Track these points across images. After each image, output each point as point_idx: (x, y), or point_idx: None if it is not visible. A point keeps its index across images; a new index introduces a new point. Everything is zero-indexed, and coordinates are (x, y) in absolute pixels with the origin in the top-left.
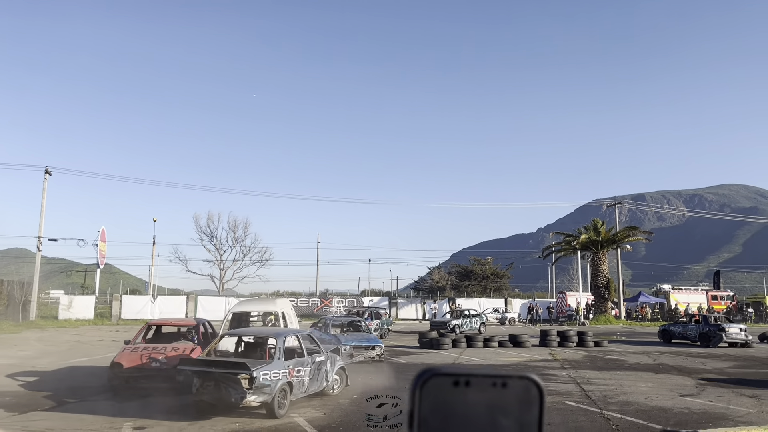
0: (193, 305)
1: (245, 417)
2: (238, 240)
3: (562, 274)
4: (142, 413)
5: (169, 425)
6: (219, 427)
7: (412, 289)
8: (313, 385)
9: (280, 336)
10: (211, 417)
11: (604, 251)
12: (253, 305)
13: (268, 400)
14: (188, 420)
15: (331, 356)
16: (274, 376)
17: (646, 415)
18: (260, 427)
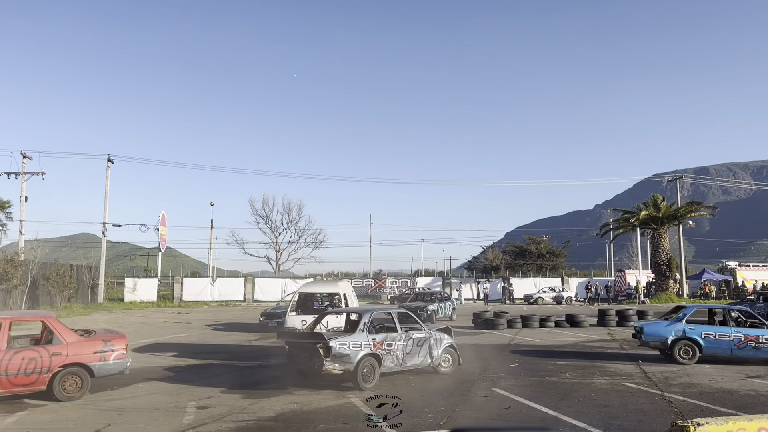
0: (250, 287)
1: (303, 396)
2: (292, 222)
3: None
4: (204, 392)
5: (231, 404)
6: (278, 407)
7: (466, 269)
8: (412, 360)
9: (367, 312)
10: (271, 396)
11: (665, 228)
12: (318, 287)
13: (349, 369)
14: (252, 398)
15: (436, 334)
16: (353, 347)
17: (711, 397)
18: (317, 408)
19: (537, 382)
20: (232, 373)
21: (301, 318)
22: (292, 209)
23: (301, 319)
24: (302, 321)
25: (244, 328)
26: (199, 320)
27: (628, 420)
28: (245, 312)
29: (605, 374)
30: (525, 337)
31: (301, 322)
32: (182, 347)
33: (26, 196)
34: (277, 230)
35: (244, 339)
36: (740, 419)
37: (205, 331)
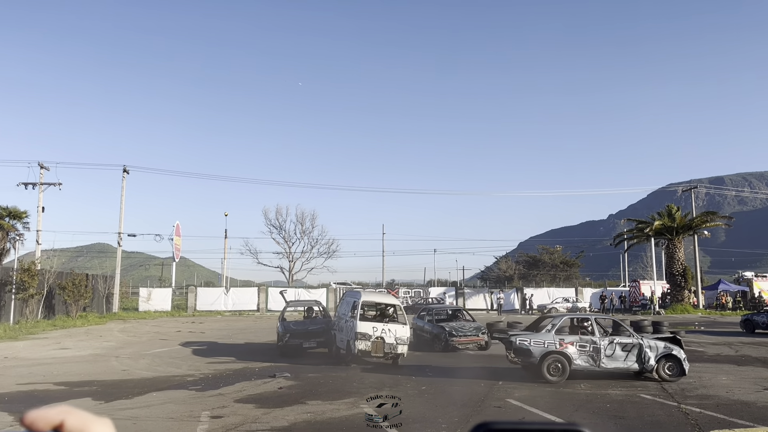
0: (264, 297)
1: (317, 407)
2: (305, 232)
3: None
4: (218, 402)
5: (244, 414)
6: (292, 417)
7: (479, 279)
8: (614, 363)
9: (557, 317)
10: (285, 406)
11: (680, 238)
12: (378, 297)
13: (534, 362)
14: (265, 408)
15: (651, 342)
16: (535, 344)
17: (728, 409)
18: (331, 418)
19: (551, 393)
20: (246, 382)
21: (372, 324)
22: (305, 219)
23: (372, 325)
24: (373, 327)
25: (257, 353)
26: (212, 330)
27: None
28: (258, 322)
29: (620, 385)
30: None
31: (372, 328)
32: (196, 356)
33: (43, 207)
34: (291, 240)
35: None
36: (758, 431)
37: (220, 340)
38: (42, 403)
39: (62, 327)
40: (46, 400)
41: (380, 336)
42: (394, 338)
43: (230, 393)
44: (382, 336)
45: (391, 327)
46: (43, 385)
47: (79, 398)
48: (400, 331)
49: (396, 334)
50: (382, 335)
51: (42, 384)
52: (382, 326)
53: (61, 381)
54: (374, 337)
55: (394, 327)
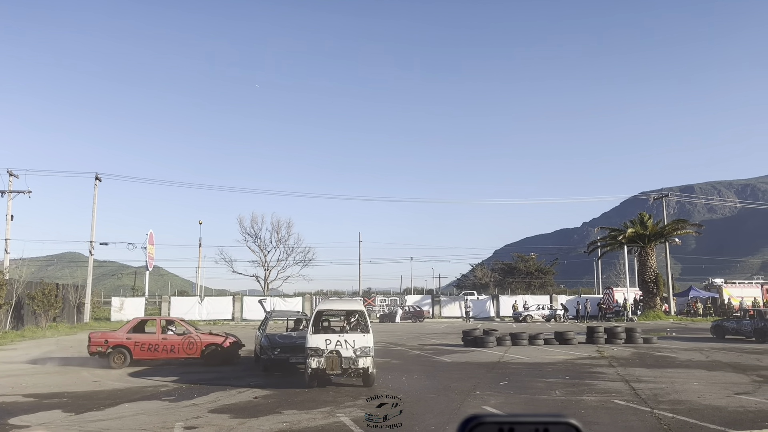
0: (239, 305)
1: (292, 416)
2: (281, 240)
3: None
4: (191, 412)
5: (219, 424)
6: (267, 427)
7: (455, 287)
8: None
9: None
10: (260, 416)
11: (652, 245)
12: (337, 304)
13: None
14: (240, 418)
15: None
16: None
17: (699, 414)
18: (306, 427)
19: (527, 400)
20: (221, 392)
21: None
22: (281, 227)
23: (325, 338)
24: (326, 340)
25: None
26: None
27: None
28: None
29: (595, 391)
30: (514, 354)
31: (325, 341)
32: (169, 367)
33: (12, 215)
34: (266, 248)
35: None
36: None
37: None
38: (10, 416)
39: (31, 338)
40: (14, 412)
41: (334, 350)
42: (352, 350)
43: (204, 403)
44: (336, 349)
45: (348, 337)
46: (12, 397)
47: (48, 410)
48: (359, 341)
49: (354, 345)
50: (336, 348)
51: (10, 396)
52: (337, 337)
53: (30, 393)
54: (327, 352)
55: (352, 337)
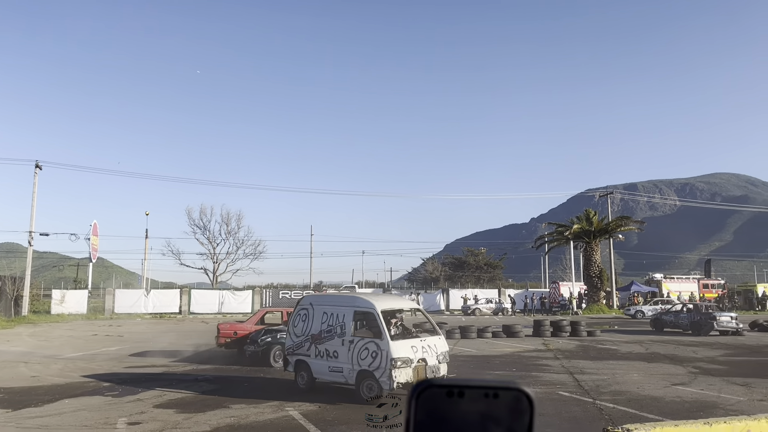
0: (186, 299)
1: (240, 410)
2: (231, 233)
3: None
4: (135, 407)
5: (164, 420)
6: (214, 422)
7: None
8: None
9: None
10: (207, 411)
11: (597, 241)
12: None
13: None
14: (186, 413)
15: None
16: None
17: (639, 404)
18: (255, 421)
19: None
20: (167, 386)
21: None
22: (230, 219)
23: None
24: (412, 347)
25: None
26: (131, 333)
27: (562, 428)
28: (181, 325)
29: (540, 383)
30: (463, 347)
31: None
32: (113, 361)
33: None
34: (215, 241)
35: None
36: (667, 425)
37: (139, 344)
38: None
39: None
40: None
41: (422, 358)
42: (435, 357)
43: (149, 398)
44: (424, 357)
45: (430, 342)
46: None
47: None
48: (440, 346)
49: (437, 351)
50: (424, 356)
51: None
52: (420, 343)
53: None
54: (417, 361)
55: (432, 341)
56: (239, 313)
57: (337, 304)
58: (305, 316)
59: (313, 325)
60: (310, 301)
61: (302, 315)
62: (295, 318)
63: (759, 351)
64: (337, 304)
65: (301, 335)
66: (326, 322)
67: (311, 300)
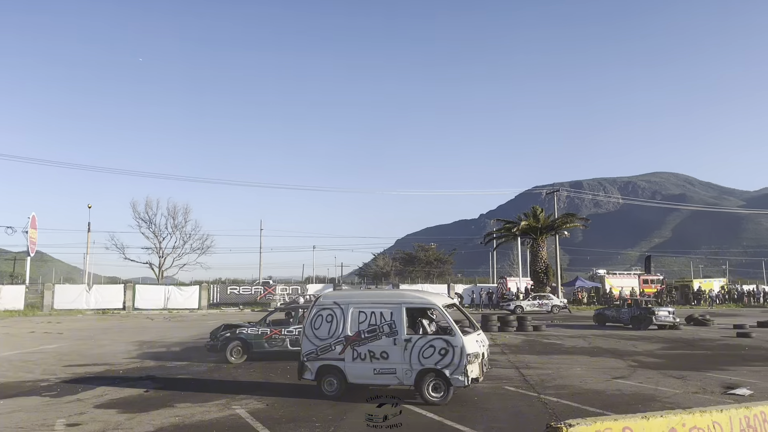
0: (131, 294)
1: (186, 410)
2: (177, 227)
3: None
4: (75, 408)
5: (105, 420)
6: (158, 422)
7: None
8: None
9: None
10: (151, 410)
11: (543, 237)
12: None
13: None
14: (129, 413)
15: None
16: None
17: (581, 398)
18: (201, 421)
19: None
20: (108, 385)
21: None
22: (177, 213)
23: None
24: (477, 341)
25: (122, 354)
26: (72, 330)
27: (507, 422)
28: (124, 321)
29: (487, 378)
30: None
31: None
32: (51, 359)
33: None
34: (161, 235)
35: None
36: (607, 419)
37: (79, 341)
38: None
39: None
40: None
41: (483, 352)
42: (488, 351)
43: (90, 398)
44: (484, 352)
45: (483, 336)
46: None
47: None
48: (486, 341)
49: (486, 345)
50: (484, 351)
51: None
52: (478, 337)
53: None
54: (482, 355)
55: (481, 336)
56: (185, 309)
57: (378, 302)
58: (330, 317)
59: (347, 326)
60: (334, 300)
61: (325, 316)
62: (314, 320)
63: (694, 344)
64: (378, 302)
65: (326, 338)
66: (366, 322)
67: (336, 299)
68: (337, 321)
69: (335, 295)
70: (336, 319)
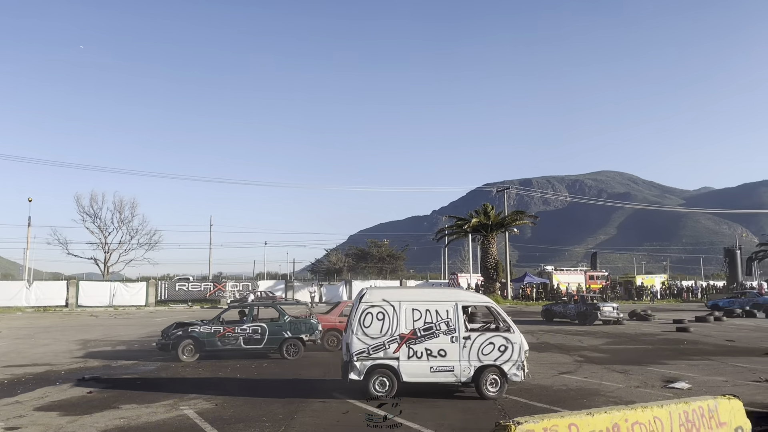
0: (74, 291)
1: (131, 411)
2: (124, 221)
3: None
4: (14, 410)
5: (46, 423)
6: (102, 424)
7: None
8: None
9: None
10: (95, 412)
11: (494, 234)
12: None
13: None
14: (71, 415)
15: None
16: None
17: (529, 393)
18: (147, 422)
19: None
20: (50, 387)
21: None
22: (124, 207)
23: None
24: None
25: (65, 354)
26: (10, 329)
27: (457, 419)
28: (67, 319)
29: None
30: None
31: None
32: None
33: None
34: (107, 230)
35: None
36: (554, 416)
37: (19, 341)
38: None
39: None
40: None
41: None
42: None
43: (29, 400)
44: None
45: None
46: None
47: None
48: None
49: None
50: None
51: None
52: None
53: None
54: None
55: None
56: (132, 306)
57: (432, 300)
58: (381, 315)
59: (401, 323)
60: (383, 297)
61: (375, 314)
62: (363, 317)
63: (636, 339)
64: (432, 300)
65: (379, 336)
66: (421, 320)
67: (384, 296)
68: (390, 319)
69: (383, 293)
70: (388, 316)
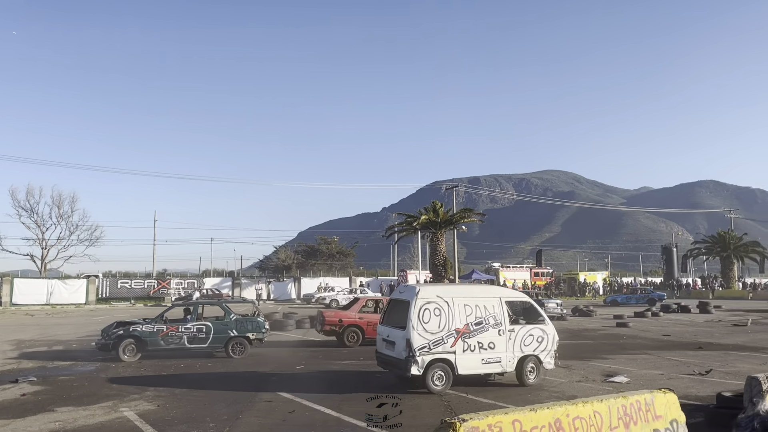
0: (8, 288)
1: (67, 414)
2: (63, 216)
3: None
4: None
5: None
6: (36, 427)
7: (257, 269)
8: None
9: None
10: (28, 416)
11: (442, 231)
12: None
13: None
14: (3, 419)
15: None
16: None
17: (475, 390)
18: (84, 425)
19: (321, 384)
20: None
21: None
22: (63, 202)
23: None
24: None
25: None
26: None
27: (404, 416)
28: (0, 318)
29: (386, 373)
30: (313, 337)
31: None
32: None
33: None
34: (45, 225)
35: None
36: (498, 413)
37: None
38: None
39: None
40: None
41: None
42: None
43: None
44: None
45: None
46: None
47: None
48: None
49: None
50: None
51: None
52: None
53: None
54: None
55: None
56: (71, 305)
57: (479, 295)
58: (438, 311)
59: (456, 318)
60: (437, 293)
61: (433, 309)
62: (421, 313)
63: (579, 334)
64: (479, 295)
65: (437, 331)
66: (472, 314)
67: (438, 293)
68: (445, 314)
69: (436, 289)
70: (444, 312)
